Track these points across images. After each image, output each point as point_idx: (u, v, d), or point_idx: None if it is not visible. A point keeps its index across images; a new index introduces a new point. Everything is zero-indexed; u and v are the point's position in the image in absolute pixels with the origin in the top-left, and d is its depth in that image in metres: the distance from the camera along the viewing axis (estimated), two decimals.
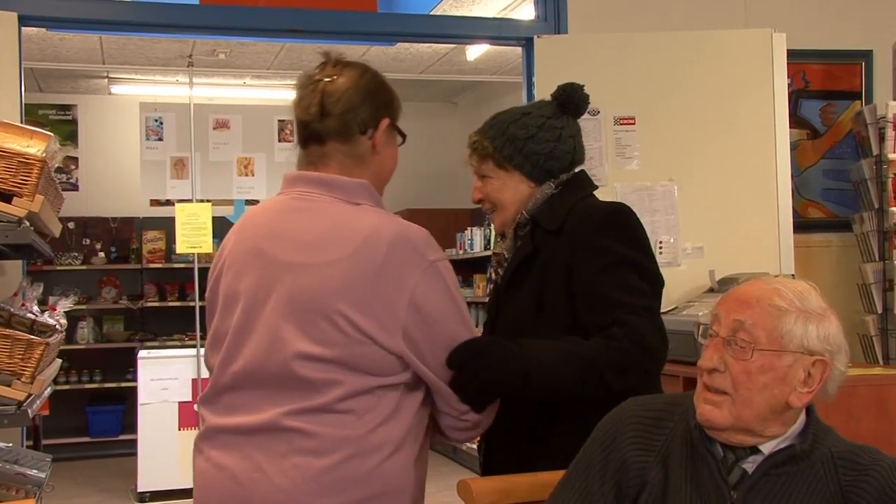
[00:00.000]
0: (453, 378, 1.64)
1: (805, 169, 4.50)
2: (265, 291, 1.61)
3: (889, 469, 1.45)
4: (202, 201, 6.56)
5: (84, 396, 7.72)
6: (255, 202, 6.34)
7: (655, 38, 4.05)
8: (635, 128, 3.99)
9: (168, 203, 7.40)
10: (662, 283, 1.94)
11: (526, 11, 5.10)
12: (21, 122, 3.44)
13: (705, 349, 1.51)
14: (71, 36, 6.36)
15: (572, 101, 2.07)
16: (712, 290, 3.71)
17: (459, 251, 7.57)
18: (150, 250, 8.01)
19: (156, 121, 6.81)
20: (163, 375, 5.99)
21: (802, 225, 4.32)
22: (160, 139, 6.76)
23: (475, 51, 6.90)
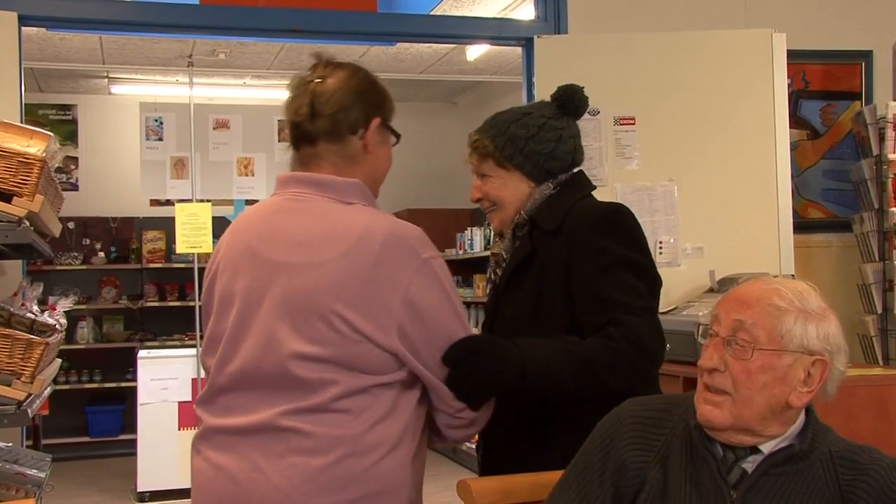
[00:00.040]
0: (449, 375, 1.64)
1: (805, 169, 4.50)
2: (260, 292, 1.61)
3: (888, 469, 1.45)
4: (202, 201, 6.56)
5: (84, 396, 7.72)
6: (255, 202, 6.32)
7: (655, 38, 4.05)
8: (635, 128, 3.99)
9: (168, 203, 7.40)
10: (660, 283, 1.94)
11: (526, 11, 5.10)
12: (21, 122, 3.44)
13: (705, 349, 1.51)
14: (71, 36, 6.36)
15: (572, 103, 2.07)
16: (712, 291, 3.71)
17: (459, 251, 7.55)
18: (150, 250, 8.01)
19: (156, 121, 6.81)
20: (163, 375, 5.98)
21: (802, 225, 4.32)
22: (160, 139, 6.76)
23: (475, 51, 6.90)
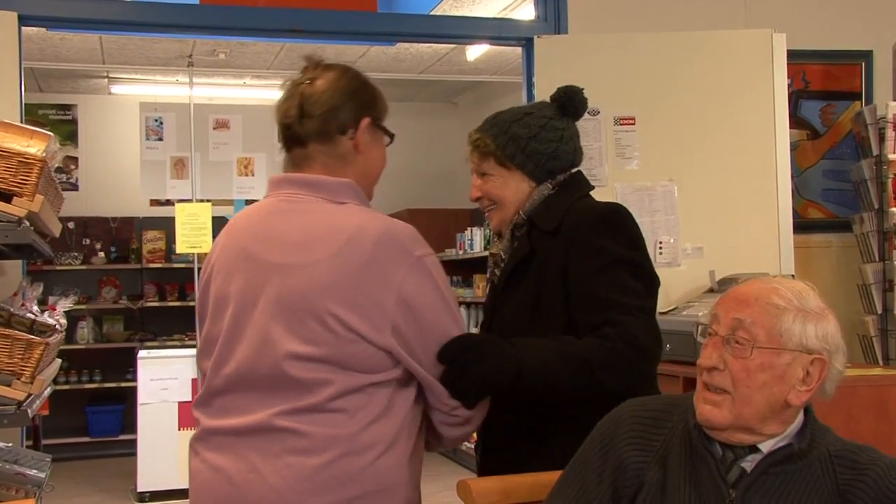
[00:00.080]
0: (443, 373, 1.64)
1: (805, 169, 4.50)
2: (254, 294, 1.62)
3: (886, 469, 1.45)
4: (202, 201, 6.56)
5: (84, 396, 7.72)
6: (256, 202, 6.33)
7: (655, 38, 4.05)
8: (635, 128, 3.99)
9: (168, 203, 7.40)
10: (658, 283, 1.95)
11: (526, 11, 5.10)
12: (21, 122, 3.44)
13: (704, 348, 1.51)
14: (71, 36, 6.36)
15: (572, 104, 2.07)
16: (712, 291, 3.71)
17: (459, 251, 7.54)
18: (150, 250, 8.00)
19: (156, 121, 6.81)
20: (163, 375, 5.98)
21: (802, 225, 4.32)
22: (160, 139, 6.76)
23: (475, 51, 6.89)
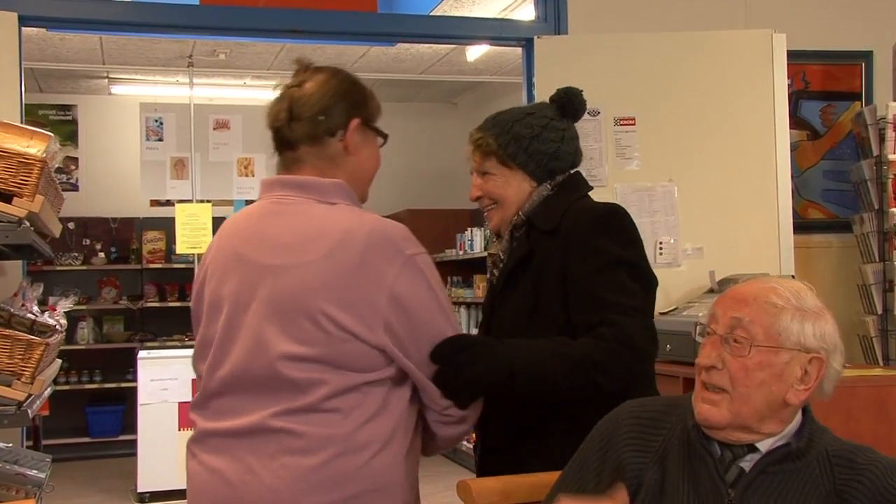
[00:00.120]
0: (436, 373, 1.64)
1: (805, 170, 4.50)
2: (247, 296, 1.62)
3: (884, 469, 1.45)
4: (202, 202, 6.56)
5: (84, 397, 7.72)
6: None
7: (655, 38, 4.05)
8: (635, 128, 3.99)
9: (168, 203, 7.40)
10: (656, 283, 1.95)
11: (526, 12, 5.10)
12: (21, 123, 3.44)
13: (703, 347, 1.51)
14: (71, 36, 6.36)
15: (572, 105, 2.08)
16: (712, 291, 3.71)
17: (459, 251, 7.54)
18: (150, 250, 8.00)
19: (156, 121, 6.81)
20: (163, 376, 5.98)
21: (802, 226, 4.31)
22: (160, 139, 6.76)
23: (475, 51, 6.90)
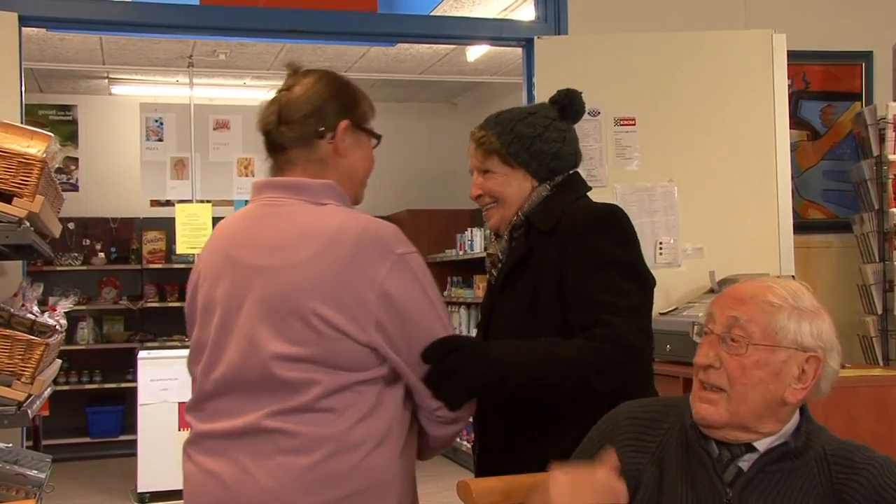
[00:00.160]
0: (428, 374, 1.64)
1: (805, 170, 4.50)
2: (239, 298, 1.63)
3: (881, 468, 1.46)
4: (202, 202, 6.56)
5: (84, 397, 7.72)
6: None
7: (655, 39, 4.05)
8: (635, 128, 3.99)
9: (168, 203, 7.40)
10: (653, 284, 1.95)
11: (526, 12, 5.10)
12: (21, 123, 3.44)
13: (700, 346, 1.52)
14: (71, 36, 6.35)
15: (573, 106, 2.09)
16: (712, 291, 3.71)
17: (459, 251, 7.54)
18: (151, 251, 8.00)
19: (156, 121, 6.81)
20: (163, 376, 5.97)
21: (802, 226, 4.31)
22: (160, 140, 6.77)
23: (475, 51, 6.90)
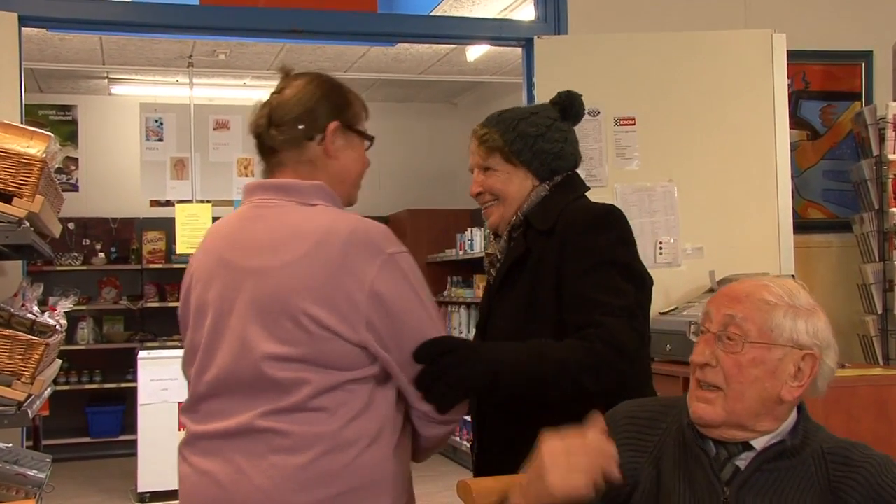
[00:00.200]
0: (419, 376, 1.64)
1: (805, 169, 4.50)
2: (230, 299, 1.64)
3: (879, 465, 1.46)
4: (202, 202, 6.56)
5: (84, 397, 7.72)
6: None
7: (655, 38, 4.05)
8: (635, 128, 3.99)
9: (168, 203, 7.41)
10: (650, 284, 1.95)
11: (526, 12, 5.10)
12: (21, 123, 3.44)
13: (697, 345, 1.53)
14: (71, 36, 6.35)
15: (573, 108, 2.09)
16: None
17: (459, 251, 7.54)
18: (151, 251, 8.00)
19: (156, 121, 6.82)
20: (163, 376, 5.97)
21: (802, 225, 4.32)
22: (160, 140, 6.77)
23: (475, 51, 6.90)
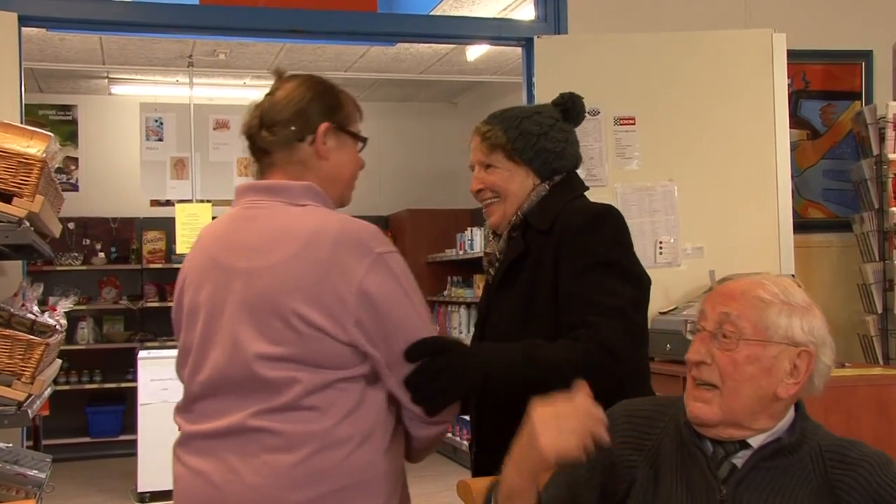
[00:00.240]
0: (409, 378, 1.64)
1: (805, 169, 4.50)
2: (221, 300, 1.65)
3: (877, 464, 1.46)
4: (202, 202, 6.56)
5: (84, 397, 7.72)
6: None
7: (655, 38, 4.05)
8: (635, 128, 3.99)
9: (168, 203, 7.41)
10: (648, 284, 1.95)
11: (526, 12, 5.10)
12: (21, 123, 3.44)
13: (693, 343, 1.54)
14: (71, 36, 6.35)
15: (575, 110, 2.10)
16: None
17: (459, 251, 7.54)
18: (151, 251, 8.00)
19: (156, 121, 6.82)
20: (163, 376, 5.97)
21: (802, 225, 4.32)
22: (160, 139, 6.77)
23: (475, 51, 6.89)
